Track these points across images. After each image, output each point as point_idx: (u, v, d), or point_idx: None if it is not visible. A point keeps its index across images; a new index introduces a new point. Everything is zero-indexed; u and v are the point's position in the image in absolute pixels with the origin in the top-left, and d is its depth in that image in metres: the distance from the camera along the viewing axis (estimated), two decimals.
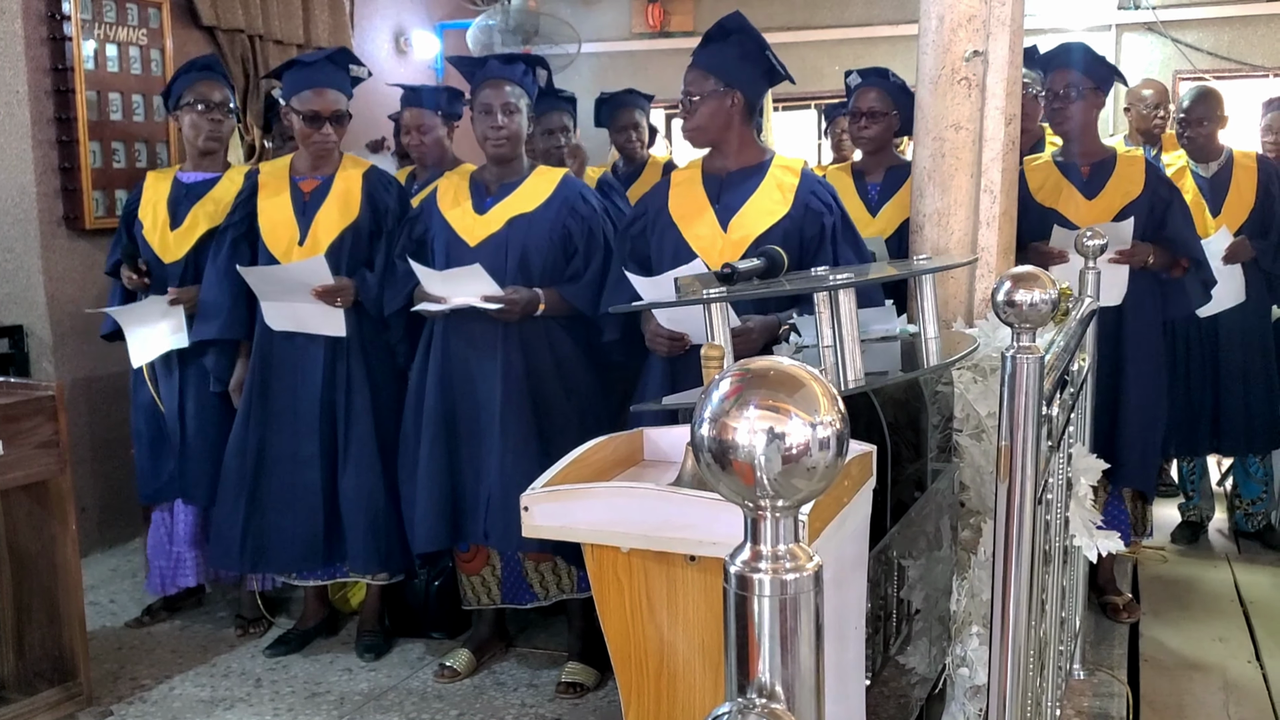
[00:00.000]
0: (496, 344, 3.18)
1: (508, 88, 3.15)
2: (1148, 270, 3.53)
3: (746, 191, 2.90)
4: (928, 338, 2.55)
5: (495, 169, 3.26)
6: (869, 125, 3.55)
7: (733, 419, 0.63)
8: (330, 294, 3.31)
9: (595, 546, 1.57)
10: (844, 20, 7.00)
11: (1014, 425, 1.54)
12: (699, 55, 2.91)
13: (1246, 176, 4.23)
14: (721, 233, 2.88)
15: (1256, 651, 3.52)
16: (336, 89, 3.39)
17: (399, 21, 6.90)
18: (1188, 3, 6.39)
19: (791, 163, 3.03)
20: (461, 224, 3.23)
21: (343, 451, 3.44)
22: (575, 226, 3.21)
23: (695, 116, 2.88)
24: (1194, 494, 4.63)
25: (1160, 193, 3.56)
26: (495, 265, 3.12)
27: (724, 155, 2.93)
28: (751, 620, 0.63)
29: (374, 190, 3.44)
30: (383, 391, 3.47)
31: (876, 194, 3.57)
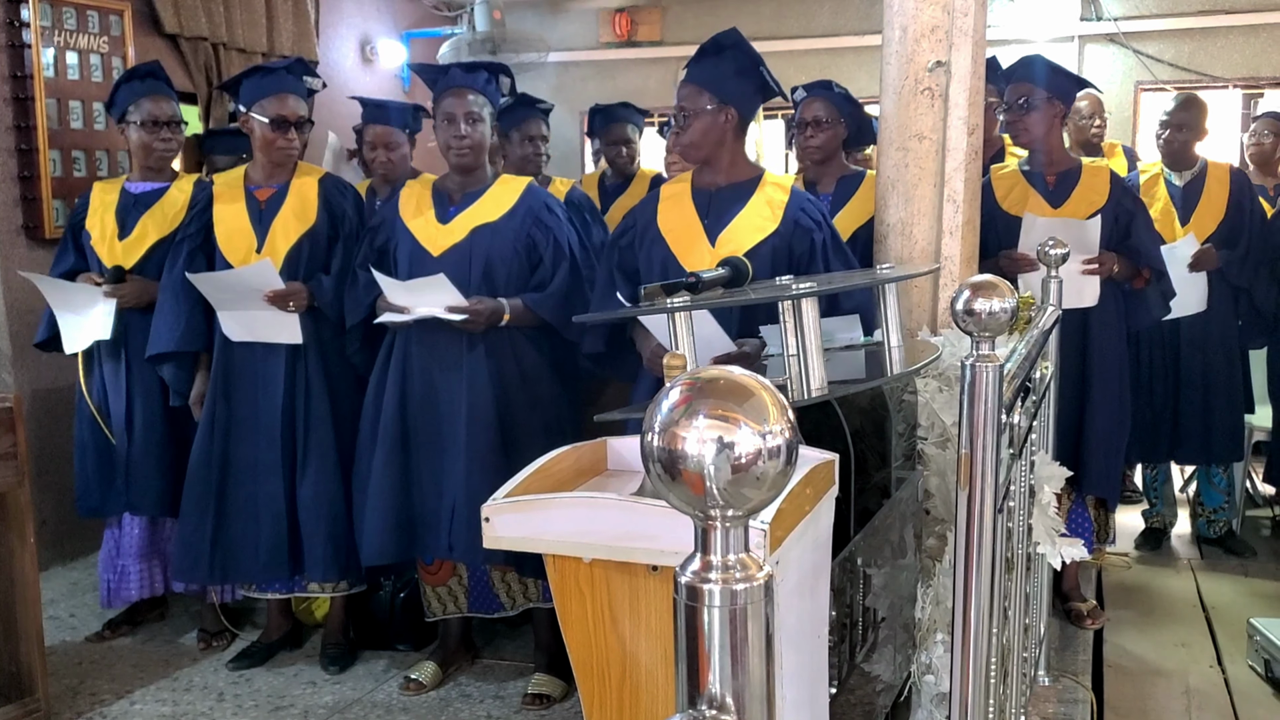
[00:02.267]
0: (461, 355, 3.16)
1: (470, 96, 3.14)
2: (1112, 280, 3.56)
3: (736, 207, 2.89)
4: (891, 346, 2.57)
5: (458, 178, 3.24)
6: (814, 134, 3.58)
7: (682, 428, 0.62)
8: (282, 298, 3.29)
9: (557, 557, 1.56)
10: (810, 31, 7.04)
11: (974, 433, 1.54)
12: (693, 70, 2.88)
13: (1219, 187, 4.27)
14: (710, 248, 2.85)
15: (1218, 656, 3.55)
16: (297, 95, 3.38)
17: (365, 30, 6.88)
18: (1149, 14, 6.47)
19: (782, 180, 3.03)
20: (424, 233, 3.21)
21: (301, 460, 3.41)
22: (540, 236, 3.20)
23: (689, 132, 2.86)
24: (1157, 501, 4.67)
25: (1125, 203, 3.60)
26: (459, 275, 3.10)
27: (715, 171, 2.91)
28: (701, 631, 0.63)
29: (330, 196, 3.43)
30: (342, 399, 3.44)
31: (828, 204, 3.61)
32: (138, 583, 3.70)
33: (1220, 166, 4.36)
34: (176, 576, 3.61)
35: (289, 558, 3.44)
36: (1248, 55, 6.37)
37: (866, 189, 3.56)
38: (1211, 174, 4.30)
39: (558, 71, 7.49)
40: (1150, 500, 4.70)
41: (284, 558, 3.42)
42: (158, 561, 3.76)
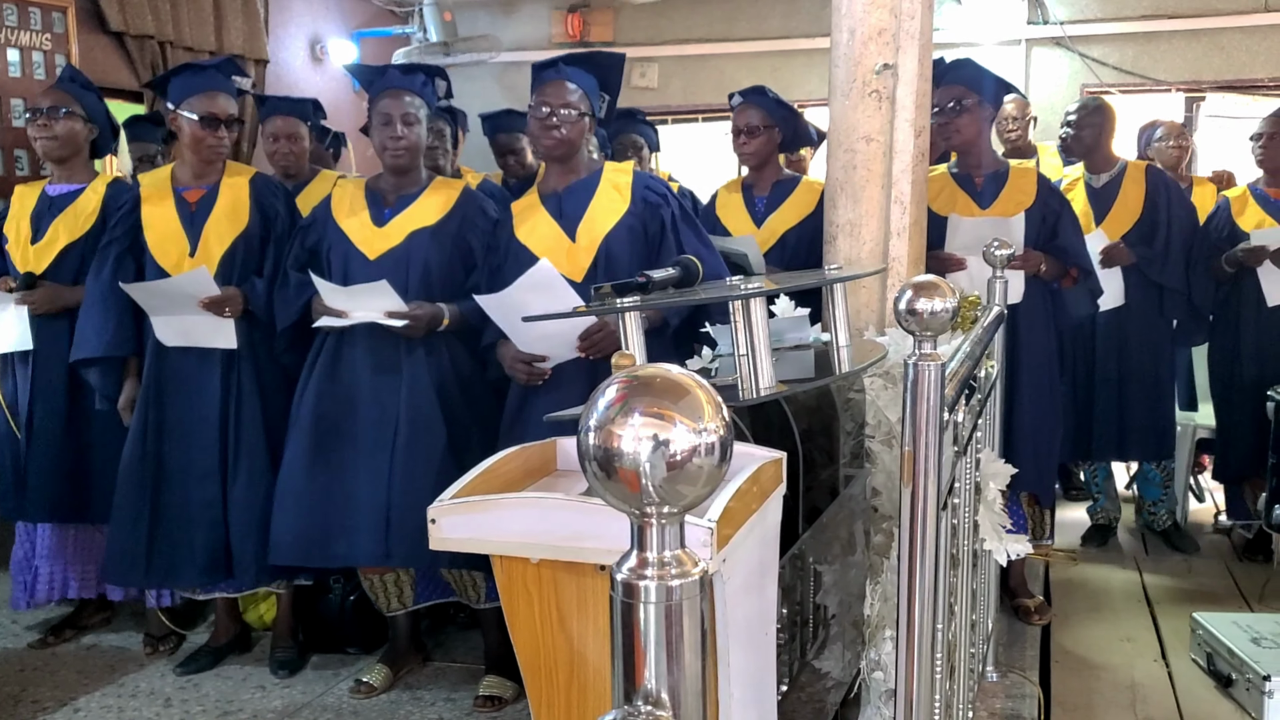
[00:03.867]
0: (399, 360, 3.14)
1: (406, 98, 3.12)
2: (1039, 279, 3.61)
3: (585, 199, 3.00)
4: (839, 346, 2.59)
5: (392, 179, 3.22)
6: (748, 142, 3.65)
7: (618, 426, 0.63)
8: (218, 304, 3.25)
9: (504, 558, 1.56)
10: (762, 33, 7.07)
11: (917, 431, 1.56)
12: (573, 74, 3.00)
13: (1134, 188, 4.34)
14: (569, 241, 2.97)
15: (1162, 650, 3.61)
16: (227, 94, 3.35)
17: (315, 29, 6.83)
18: (1094, 18, 6.57)
19: (622, 166, 3.16)
20: (360, 236, 3.18)
21: (233, 463, 3.37)
22: (476, 241, 3.19)
23: (571, 130, 2.95)
24: (1099, 497, 4.74)
25: (1051, 204, 3.67)
26: (396, 280, 3.08)
27: (566, 172, 3.02)
28: (637, 627, 0.63)
29: (262, 196, 3.39)
30: (274, 402, 3.40)
31: (763, 206, 3.66)
32: (47, 584, 3.66)
33: (1138, 166, 4.43)
34: (110, 580, 3.56)
35: (225, 560, 3.40)
36: (1189, 59, 6.49)
37: (800, 193, 3.64)
38: (1129, 175, 4.37)
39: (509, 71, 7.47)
40: (1093, 496, 4.78)
41: (221, 561, 3.38)
42: (74, 566, 3.71)
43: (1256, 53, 6.36)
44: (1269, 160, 4.32)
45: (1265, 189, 4.38)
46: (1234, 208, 4.39)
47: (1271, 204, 4.33)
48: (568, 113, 2.92)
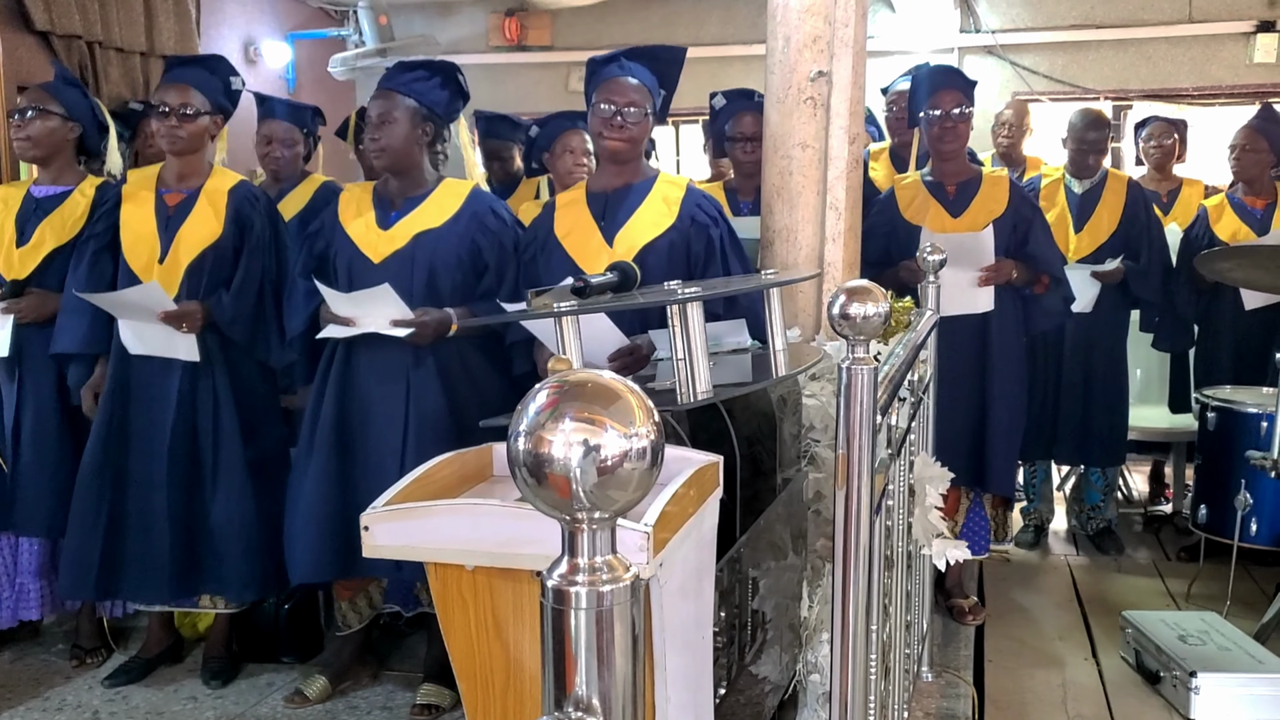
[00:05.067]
0: (406, 368, 3.06)
1: (390, 99, 3.06)
2: (1011, 286, 3.66)
3: (631, 206, 2.91)
4: (776, 350, 2.60)
5: (396, 182, 3.15)
6: (756, 150, 3.61)
7: (549, 431, 0.62)
8: (176, 319, 3.18)
9: (439, 565, 1.55)
10: (700, 39, 7.10)
11: (850, 434, 1.58)
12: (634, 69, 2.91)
13: (1115, 198, 4.42)
14: (607, 248, 2.87)
15: (1093, 648, 3.68)
16: (197, 89, 3.27)
17: (248, 31, 6.73)
18: (1024, 27, 6.69)
19: (676, 179, 3.07)
20: (365, 240, 3.10)
21: (210, 477, 3.29)
22: (485, 242, 3.11)
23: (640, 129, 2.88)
24: (1034, 497, 4.82)
25: (1023, 211, 3.71)
26: (401, 283, 3.00)
27: (619, 173, 2.94)
28: (568, 633, 0.63)
29: (240, 206, 3.31)
30: (256, 414, 3.34)
31: (748, 212, 3.66)
32: (38, 601, 3.57)
33: (1119, 178, 4.52)
34: (64, 593, 3.48)
35: (184, 575, 3.32)
36: (1117, 68, 6.63)
37: None
38: (1110, 184, 4.45)
39: None
40: (1029, 497, 4.85)
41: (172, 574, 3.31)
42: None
43: (1181, 62, 6.51)
44: (1244, 171, 4.42)
45: (1243, 197, 4.48)
46: (1211, 216, 4.48)
47: (1248, 212, 4.43)
48: (634, 111, 2.83)
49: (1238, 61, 6.31)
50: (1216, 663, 3.17)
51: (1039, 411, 4.48)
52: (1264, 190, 4.43)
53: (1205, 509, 3.91)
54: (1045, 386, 4.46)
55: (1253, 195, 4.44)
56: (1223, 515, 3.82)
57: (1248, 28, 6.39)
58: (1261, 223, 4.38)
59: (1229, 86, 6.44)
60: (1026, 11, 6.69)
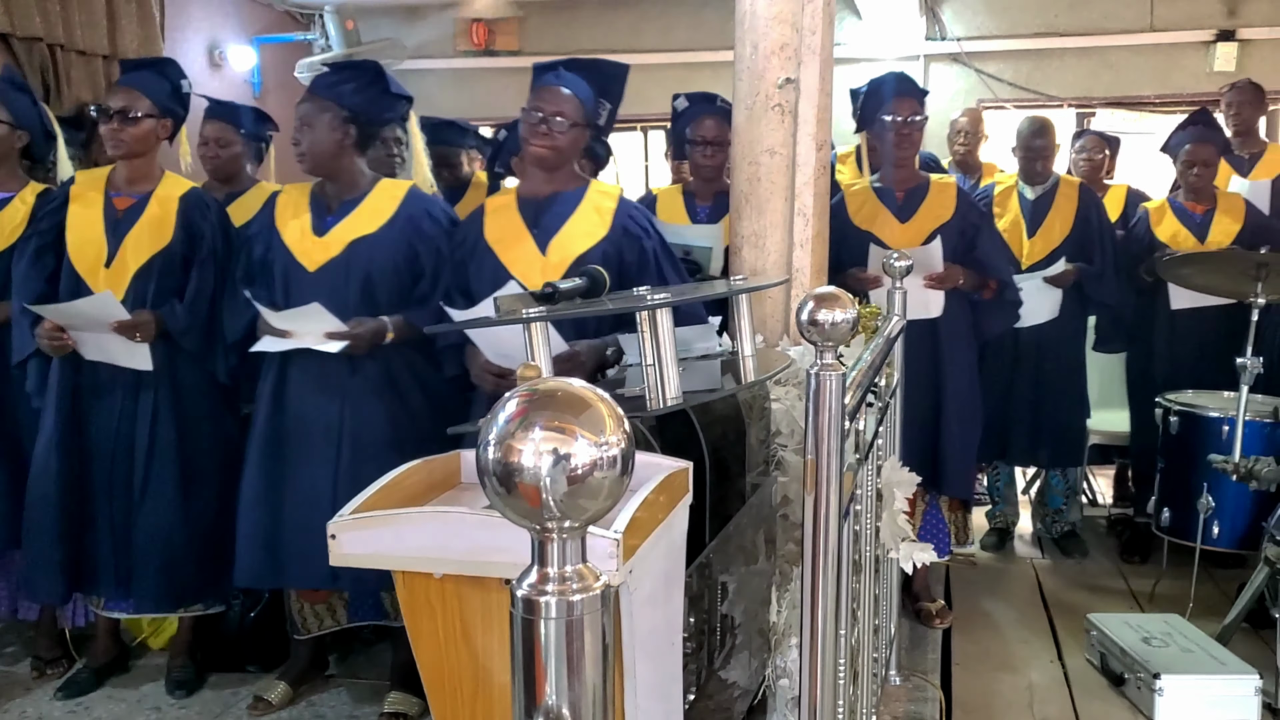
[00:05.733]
0: (344, 376, 3.05)
1: (312, 103, 3.06)
2: (959, 291, 3.69)
3: (563, 215, 2.91)
4: (744, 355, 2.61)
5: (330, 184, 3.14)
6: (714, 154, 3.62)
7: (518, 441, 0.62)
8: (128, 329, 3.14)
9: (407, 574, 1.54)
10: (668, 45, 7.11)
11: (819, 439, 1.58)
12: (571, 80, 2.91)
13: (1067, 203, 4.47)
14: (540, 256, 2.87)
15: (1058, 651, 3.71)
16: (144, 92, 3.24)
17: (213, 34, 6.68)
18: (989, 35, 6.75)
19: (609, 188, 3.07)
20: (300, 247, 3.09)
21: (139, 487, 3.26)
22: (422, 247, 3.09)
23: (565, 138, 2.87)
24: (999, 501, 4.86)
25: (970, 217, 3.74)
26: (336, 292, 2.99)
27: (550, 180, 2.93)
28: (538, 642, 0.63)
29: (190, 213, 3.27)
30: (198, 427, 3.30)
31: (705, 216, 3.66)
32: None
33: (1070, 182, 4.58)
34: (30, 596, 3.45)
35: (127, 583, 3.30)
36: (1080, 76, 6.70)
37: None
38: (1062, 189, 4.50)
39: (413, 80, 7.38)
40: (994, 500, 4.89)
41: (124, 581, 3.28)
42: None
43: (1143, 70, 6.59)
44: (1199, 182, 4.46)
45: (1183, 202, 4.54)
46: (1152, 218, 4.54)
47: (1188, 215, 4.49)
48: (561, 120, 2.84)
49: (1198, 70, 6.39)
50: (1180, 664, 3.20)
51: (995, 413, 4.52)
52: (1204, 195, 4.50)
53: (1168, 512, 3.95)
54: (1002, 389, 4.50)
55: (1194, 200, 4.51)
56: (1185, 518, 3.86)
57: (1208, 36, 6.48)
58: (1200, 227, 4.46)
59: (1190, 94, 6.52)
60: (991, 19, 6.75)
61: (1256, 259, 3.49)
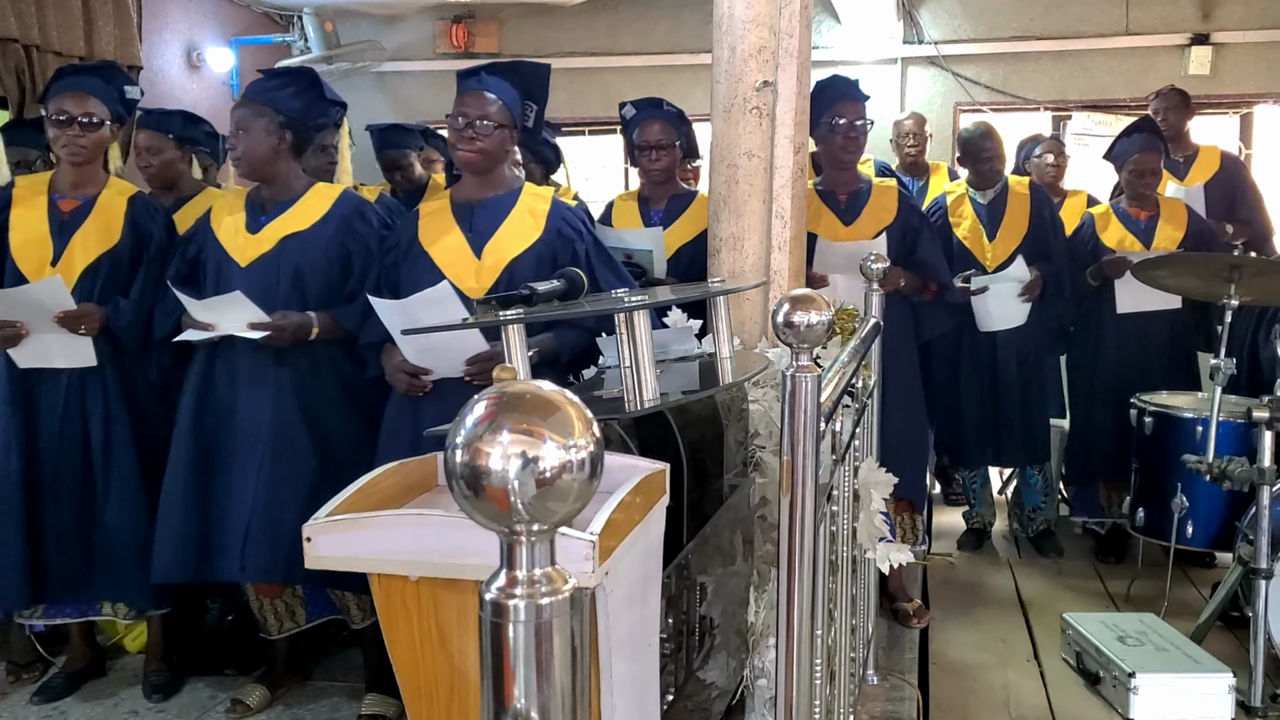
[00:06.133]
0: (268, 371, 3.06)
1: (248, 108, 3.06)
2: (899, 293, 3.71)
3: (497, 218, 2.94)
4: (722, 358, 2.62)
5: (266, 188, 3.15)
6: (659, 157, 3.63)
7: (486, 444, 0.62)
8: (74, 320, 3.14)
9: (382, 576, 1.54)
10: (646, 47, 7.13)
11: (794, 440, 1.59)
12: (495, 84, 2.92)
13: (1020, 203, 4.51)
14: (474, 258, 2.90)
15: (1034, 650, 3.73)
16: (96, 98, 3.23)
17: (191, 36, 6.65)
18: (966, 39, 6.79)
19: (541, 191, 3.11)
20: (233, 244, 3.11)
21: (102, 484, 3.26)
22: (354, 246, 3.12)
23: (489, 141, 2.89)
24: (975, 502, 4.89)
25: (911, 220, 3.79)
26: (267, 286, 3.02)
27: (483, 184, 2.96)
28: (506, 646, 0.63)
29: (138, 216, 3.30)
30: (150, 420, 3.30)
31: (659, 220, 3.67)
32: None
33: (1020, 182, 4.62)
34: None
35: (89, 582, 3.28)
36: (1056, 79, 6.75)
37: (696, 208, 3.65)
38: (1013, 190, 4.54)
39: (393, 82, 7.39)
40: (970, 501, 4.92)
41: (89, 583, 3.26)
42: None
43: (1119, 74, 6.64)
44: (1146, 189, 4.52)
45: (1127, 208, 4.59)
46: (1098, 224, 4.59)
47: (1133, 221, 4.55)
48: (486, 124, 2.86)
49: (1173, 73, 6.44)
50: (1154, 663, 3.22)
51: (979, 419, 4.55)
52: (1148, 202, 4.56)
53: (1143, 512, 3.98)
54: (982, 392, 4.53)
55: (1137, 207, 4.57)
56: (1160, 518, 3.89)
57: (1183, 40, 6.54)
58: (1146, 233, 4.53)
59: None
60: (968, 23, 6.79)
61: (1230, 261, 3.52)
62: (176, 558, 3.07)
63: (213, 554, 3.07)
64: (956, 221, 4.51)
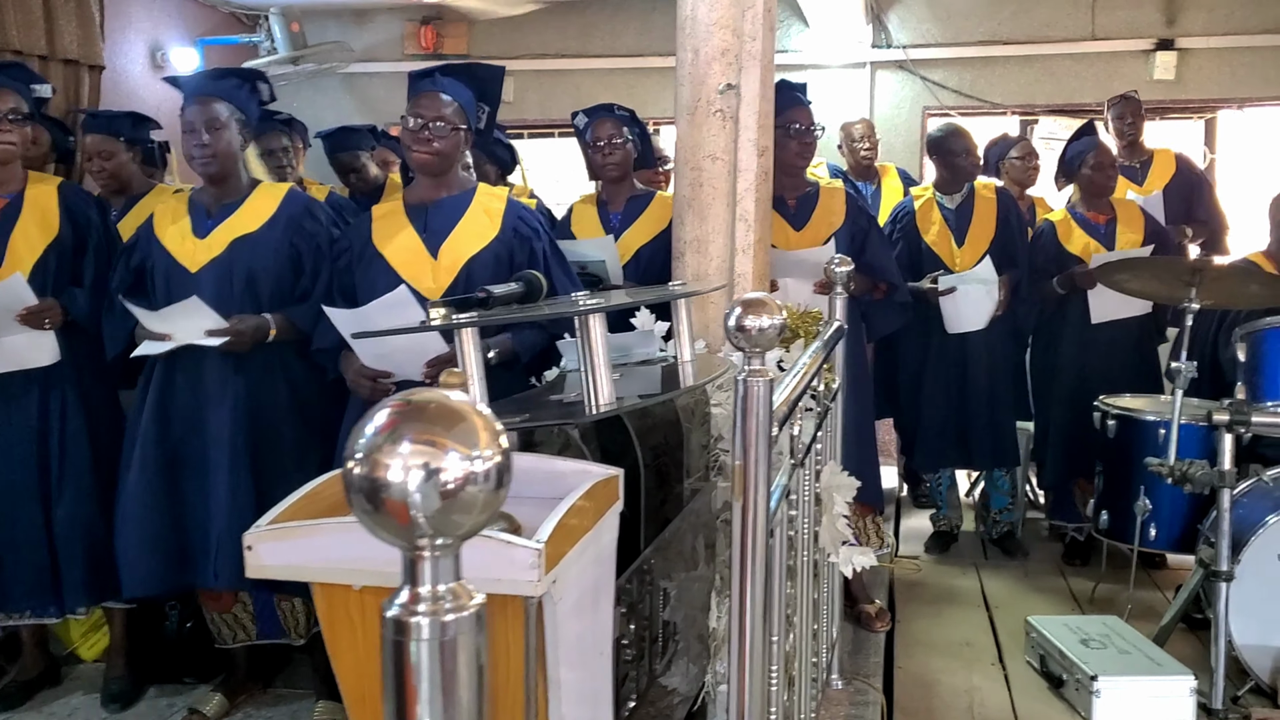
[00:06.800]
0: (227, 377, 3.02)
1: (214, 105, 3.00)
2: (850, 295, 3.70)
3: (453, 219, 2.92)
4: (684, 361, 2.60)
5: (213, 189, 3.11)
6: (614, 151, 3.61)
7: (386, 455, 0.60)
8: (36, 316, 3.10)
9: (325, 585, 1.51)
10: (616, 50, 7.11)
11: (746, 445, 1.57)
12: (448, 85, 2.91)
13: (986, 207, 4.52)
14: (431, 259, 2.88)
15: (999, 653, 3.73)
16: (20, 94, 3.18)
17: (155, 36, 6.58)
18: (934, 43, 6.81)
19: (496, 191, 3.10)
20: (180, 249, 3.06)
21: (56, 481, 3.22)
22: (304, 245, 3.09)
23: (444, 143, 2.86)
24: (942, 505, 4.89)
25: (859, 222, 3.80)
26: (220, 291, 2.98)
27: (437, 185, 2.94)
28: (408, 665, 0.61)
29: (72, 205, 3.26)
30: (102, 417, 3.28)
31: (617, 221, 3.66)
32: None
33: (987, 186, 4.64)
34: None
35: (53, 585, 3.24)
36: (1023, 84, 6.77)
37: (654, 209, 3.64)
38: (979, 195, 4.55)
39: (360, 82, 7.34)
40: (937, 504, 4.92)
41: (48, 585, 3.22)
42: None
43: (1085, 78, 6.67)
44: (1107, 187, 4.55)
45: (1084, 213, 4.61)
46: (1060, 232, 4.61)
47: (1092, 226, 4.57)
48: (441, 126, 2.83)
49: (1139, 78, 6.48)
50: (1117, 666, 3.23)
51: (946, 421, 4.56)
52: (1103, 206, 4.59)
53: (1107, 515, 3.99)
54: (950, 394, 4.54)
55: (1095, 211, 4.60)
56: (1124, 521, 3.90)
57: (1148, 45, 6.58)
58: (1106, 237, 4.57)
59: None
60: (936, 27, 6.80)
61: (1191, 264, 3.54)
62: (153, 569, 3.02)
63: (186, 562, 3.04)
64: (925, 227, 4.52)
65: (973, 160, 4.55)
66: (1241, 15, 6.48)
